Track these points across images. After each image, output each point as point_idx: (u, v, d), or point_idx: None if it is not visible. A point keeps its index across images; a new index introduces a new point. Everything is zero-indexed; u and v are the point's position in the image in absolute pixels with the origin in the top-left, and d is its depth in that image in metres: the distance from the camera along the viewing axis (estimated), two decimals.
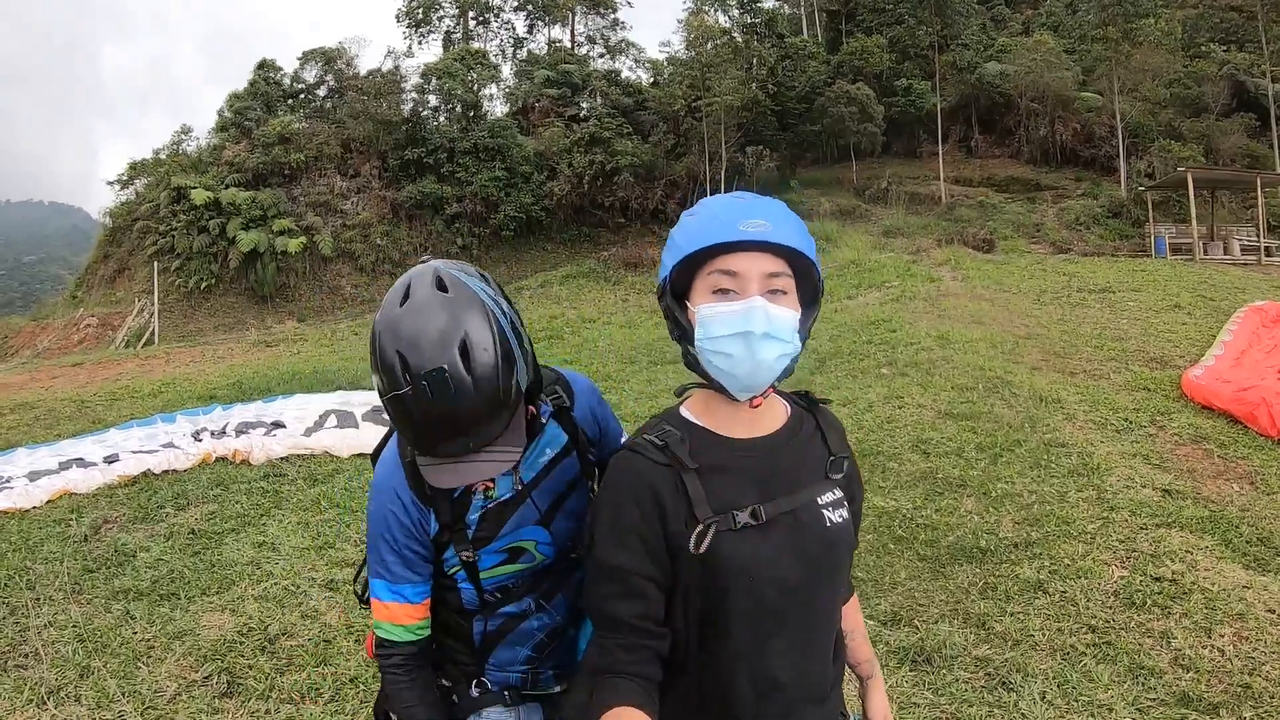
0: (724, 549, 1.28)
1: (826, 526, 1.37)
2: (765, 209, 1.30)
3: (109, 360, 18.09)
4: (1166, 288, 14.04)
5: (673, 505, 1.30)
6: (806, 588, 1.34)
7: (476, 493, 1.56)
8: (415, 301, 1.35)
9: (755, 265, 1.28)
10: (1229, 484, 5.63)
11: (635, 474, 1.33)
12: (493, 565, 1.60)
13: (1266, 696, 3.22)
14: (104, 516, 5.91)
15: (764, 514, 1.31)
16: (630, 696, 1.25)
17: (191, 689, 3.62)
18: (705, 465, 1.34)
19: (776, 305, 1.28)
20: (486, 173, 31.06)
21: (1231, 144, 29.11)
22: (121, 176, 33.38)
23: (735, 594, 1.29)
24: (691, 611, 1.32)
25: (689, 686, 1.35)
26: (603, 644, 1.32)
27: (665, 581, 1.32)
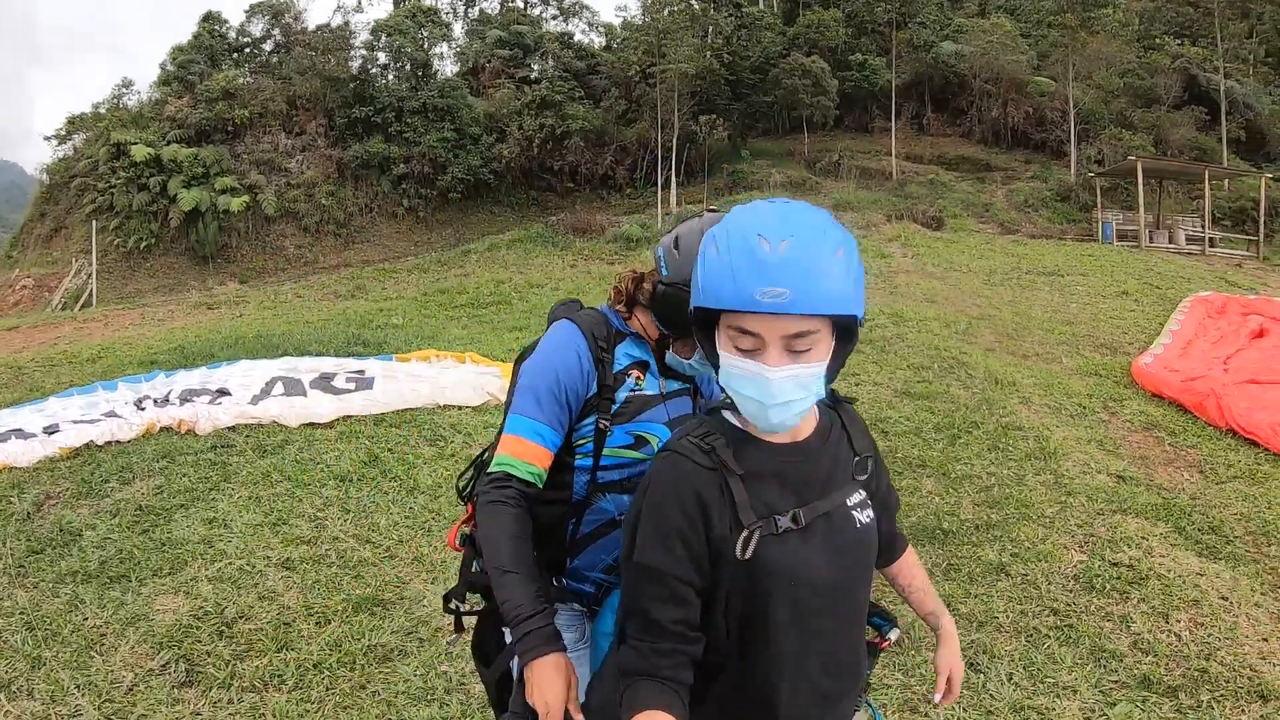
0: (767, 554, 1.29)
1: (857, 528, 1.39)
2: (788, 269, 1.18)
3: (46, 323, 17.39)
4: (1114, 274, 14.38)
5: (717, 510, 1.30)
6: (842, 588, 1.37)
7: (630, 378, 1.84)
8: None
9: (775, 329, 1.23)
10: (1180, 472, 5.80)
11: (680, 477, 1.32)
12: (618, 445, 1.81)
13: (1222, 680, 3.33)
14: (46, 492, 5.65)
15: (803, 518, 1.32)
16: (660, 700, 1.25)
17: (149, 678, 3.48)
18: (748, 469, 1.33)
19: (796, 366, 1.24)
20: (435, 133, 30.44)
21: (1181, 136, 29.78)
22: (59, 131, 31.96)
23: (777, 598, 1.30)
24: (732, 615, 1.32)
25: (726, 688, 1.35)
26: (637, 646, 1.31)
27: (705, 586, 1.31)
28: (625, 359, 1.87)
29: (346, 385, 7.85)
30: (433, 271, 22.97)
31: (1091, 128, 30.23)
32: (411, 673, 3.48)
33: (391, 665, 3.56)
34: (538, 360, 1.81)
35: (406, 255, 27.22)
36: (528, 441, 1.74)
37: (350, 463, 6.04)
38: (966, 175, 30.25)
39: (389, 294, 19.70)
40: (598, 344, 1.82)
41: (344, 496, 5.48)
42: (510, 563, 1.62)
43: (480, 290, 17.70)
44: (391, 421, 6.95)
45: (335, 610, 4.01)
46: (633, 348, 1.89)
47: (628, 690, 1.28)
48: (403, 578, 4.36)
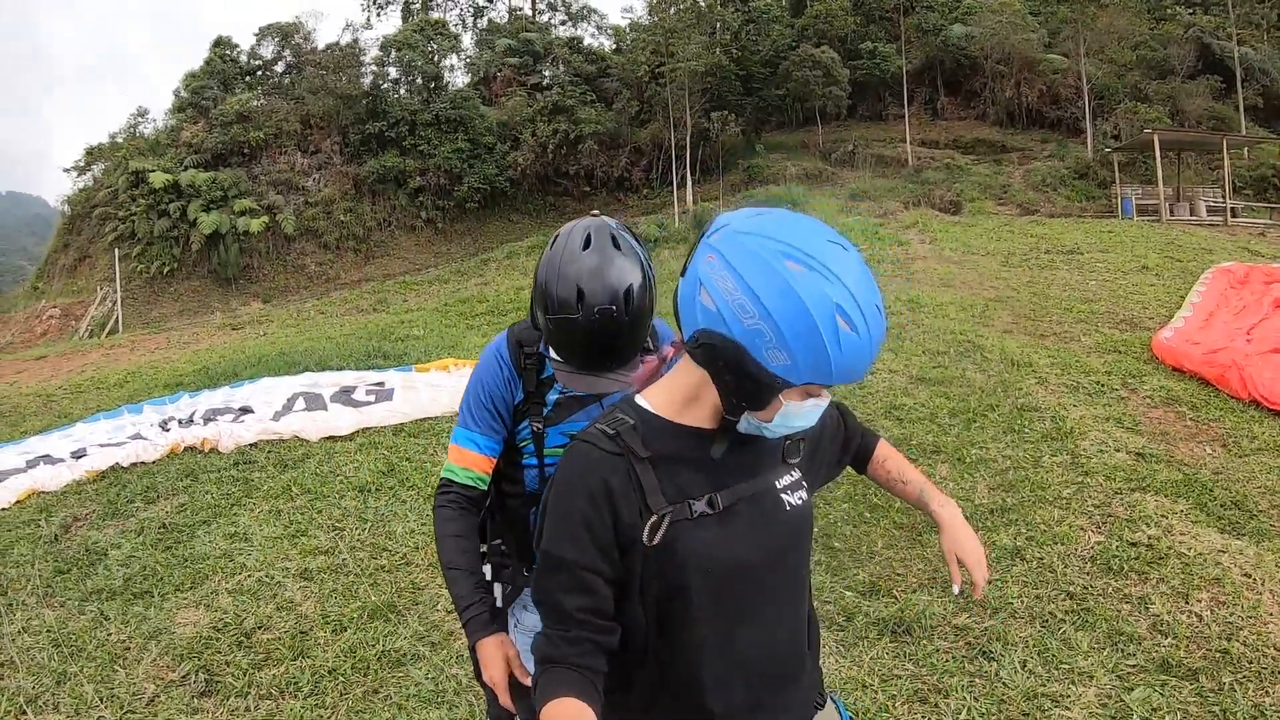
0: (681, 539, 1.26)
1: (786, 510, 1.36)
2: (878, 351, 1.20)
3: (73, 351, 17.72)
4: (1134, 249, 14.15)
5: (624, 497, 1.27)
6: (769, 573, 1.33)
7: (558, 381, 1.87)
8: (595, 248, 1.68)
9: None
10: (1202, 447, 5.70)
11: (586, 465, 1.29)
12: (554, 446, 1.90)
13: (1245, 661, 3.26)
14: (74, 514, 5.78)
15: (721, 502, 1.29)
16: (571, 687, 1.23)
17: (169, 690, 3.56)
18: (658, 453, 1.30)
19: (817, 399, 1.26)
20: (449, 144, 30.71)
21: (1197, 106, 29.36)
22: (78, 162, 32.75)
23: (695, 584, 1.27)
24: (649, 603, 1.29)
25: (650, 676, 1.33)
26: (548, 634, 1.30)
27: (614, 575, 1.29)
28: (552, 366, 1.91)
29: (366, 398, 7.94)
30: (453, 282, 23.15)
31: (1106, 103, 29.87)
32: (423, 676, 3.52)
33: (404, 670, 3.60)
34: (472, 375, 1.96)
35: (427, 267, 27.47)
36: (465, 450, 1.92)
37: (369, 473, 6.10)
38: (983, 158, 29.98)
39: (410, 306, 19.85)
40: (523, 351, 1.89)
41: (362, 506, 5.54)
42: (451, 559, 1.86)
43: (500, 298, 17.78)
44: (410, 431, 7.02)
45: (351, 618, 4.06)
46: None
47: (541, 677, 1.27)
48: (417, 583, 4.41)
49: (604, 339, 1.67)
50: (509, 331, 1.97)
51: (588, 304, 1.63)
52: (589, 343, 1.68)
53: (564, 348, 1.73)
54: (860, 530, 4.72)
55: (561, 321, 1.67)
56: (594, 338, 1.66)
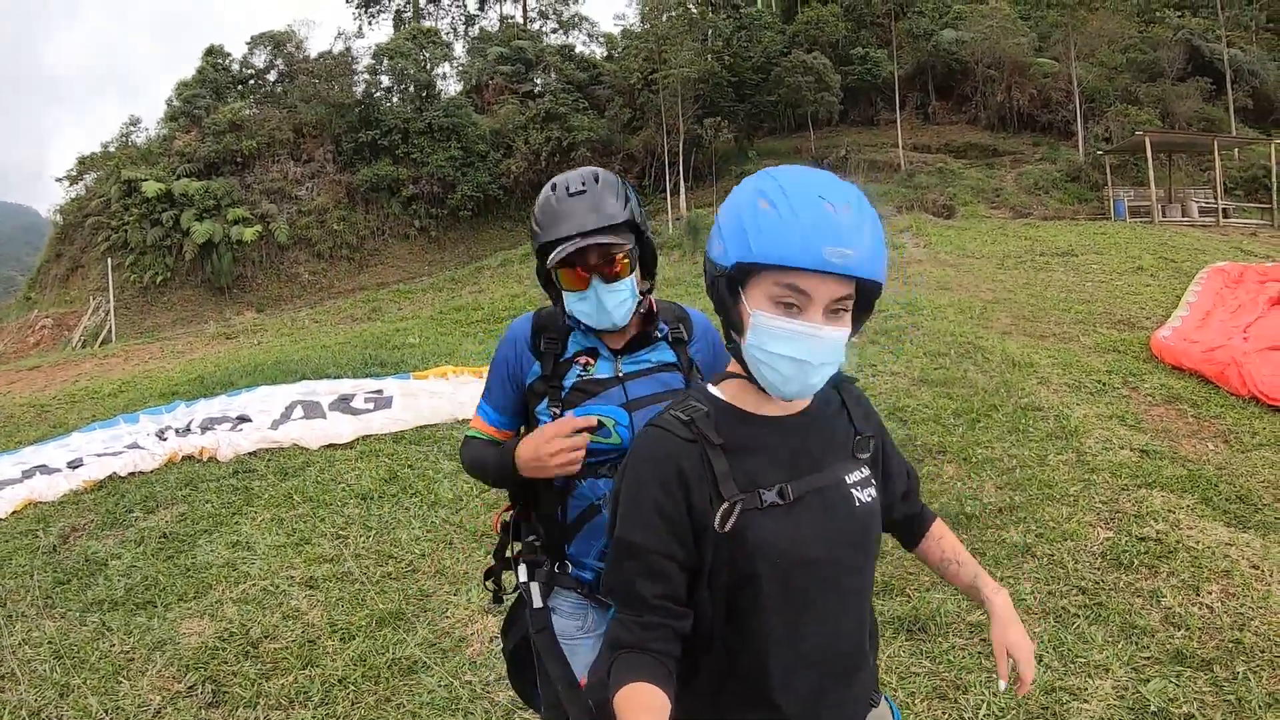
0: (750, 528, 1.25)
1: (855, 506, 1.34)
2: (854, 231, 1.21)
3: (67, 361, 17.60)
4: (1128, 250, 14.22)
5: (698, 483, 1.27)
6: (835, 567, 1.32)
7: (578, 364, 1.88)
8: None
9: (826, 290, 1.21)
10: (1204, 443, 5.72)
11: (660, 451, 1.30)
12: None
13: (1257, 651, 3.26)
14: (72, 525, 5.72)
15: (791, 492, 1.28)
16: (646, 672, 1.22)
17: (176, 701, 3.50)
18: (731, 442, 1.30)
19: (835, 329, 1.23)
20: (442, 153, 30.70)
21: (1187, 108, 29.51)
22: (71, 172, 32.57)
23: (763, 573, 1.26)
24: (718, 590, 1.29)
25: (718, 664, 1.32)
26: (623, 620, 1.29)
27: (689, 561, 1.29)
28: (575, 347, 1.92)
29: (365, 405, 7.90)
30: (447, 290, 23.10)
31: (1097, 106, 29.99)
32: (436, 684, 3.48)
33: (416, 677, 3.56)
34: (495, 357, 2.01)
35: (421, 275, 27.42)
36: (480, 420, 2.01)
37: (371, 481, 6.06)
38: (975, 162, 30.07)
39: (405, 314, 19.80)
40: (545, 335, 1.92)
41: (365, 514, 5.50)
42: (483, 455, 1.93)
43: (495, 306, 17.75)
44: (411, 439, 6.98)
45: (359, 626, 4.02)
46: (582, 336, 1.93)
47: (615, 662, 1.25)
48: (425, 590, 4.37)
49: (575, 200, 1.81)
50: (534, 314, 2.00)
51: (559, 185, 1.86)
52: (567, 204, 1.81)
53: (550, 214, 1.82)
54: None
55: (546, 199, 1.85)
56: (570, 198, 1.81)
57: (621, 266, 1.81)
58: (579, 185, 1.82)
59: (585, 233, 1.77)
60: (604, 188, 1.83)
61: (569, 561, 1.92)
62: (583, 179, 1.84)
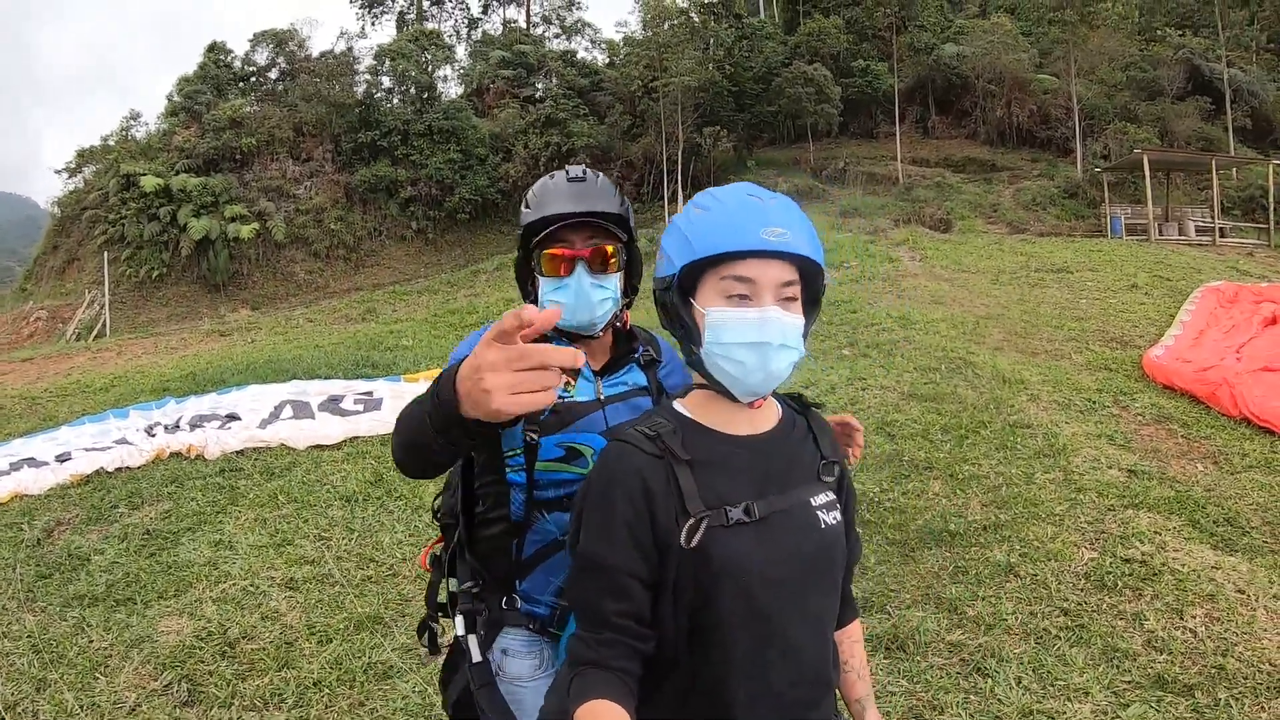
0: (716, 545, 1.24)
1: (821, 528, 1.33)
2: (783, 214, 1.29)
3: (60, 354, 17.54)
4: (1123, 268, 14.23)
5: (663, 498, 1.26)
6: (801, 590, 1.30)
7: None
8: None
9: (771, 274, 1.27)
10: (1193, 464, 5.70)
11: (625, 465, 1.29)
12: (549, 459, 1.65)
13: (1240, 677, 3.24)
14: (57, 519, 5.71)
15: (758, 511, 1.27)
16: (606, 689, 1.21)
17: (151, 699, 3.49)
18: (698, 458, 1.30)
19: (789, 314, 1.27)
20: (441, 155, 30.71)
21: (1186, 127, 29.60)
22: (69, 164, 32.50)
23: (727, 592, 1.25)
24: (682, 609, 1.27)
25: (681, 684, 1.30)
26: (584, 638, 1.27)
27: (652, 578, 1.27)
28: None
29: (355, 407, 7.89)
30: (443, 292, 23.07)
31: (1096, 123, 30.08)
32: (410, 689, 3.46)
33: (391, 682, 3.54)
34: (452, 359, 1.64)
35: (416, 277, 27.38)
36: None
37: (356, 483, 6.04)
38: (973, 176, 30.12)
39: (399, 316, 19.77)
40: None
41: (349, 516, 5.48)
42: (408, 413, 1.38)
43: (490, 310, 17.74)
44: None
45: (337, 629, 4.00)
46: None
47: (575, 678, 1.24)
48: (405, 595, 4.35)
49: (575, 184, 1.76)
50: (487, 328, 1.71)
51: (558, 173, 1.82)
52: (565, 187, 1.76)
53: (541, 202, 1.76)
54: None
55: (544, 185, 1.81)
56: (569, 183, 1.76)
57: (612, 259, 1.73)
58: (579, 173, 1.79)
59: (579, 212, 1.70)
60: (603, 182, 1.79)
61: (518, 596, 1.72)
62: (583, 169, 1.80)
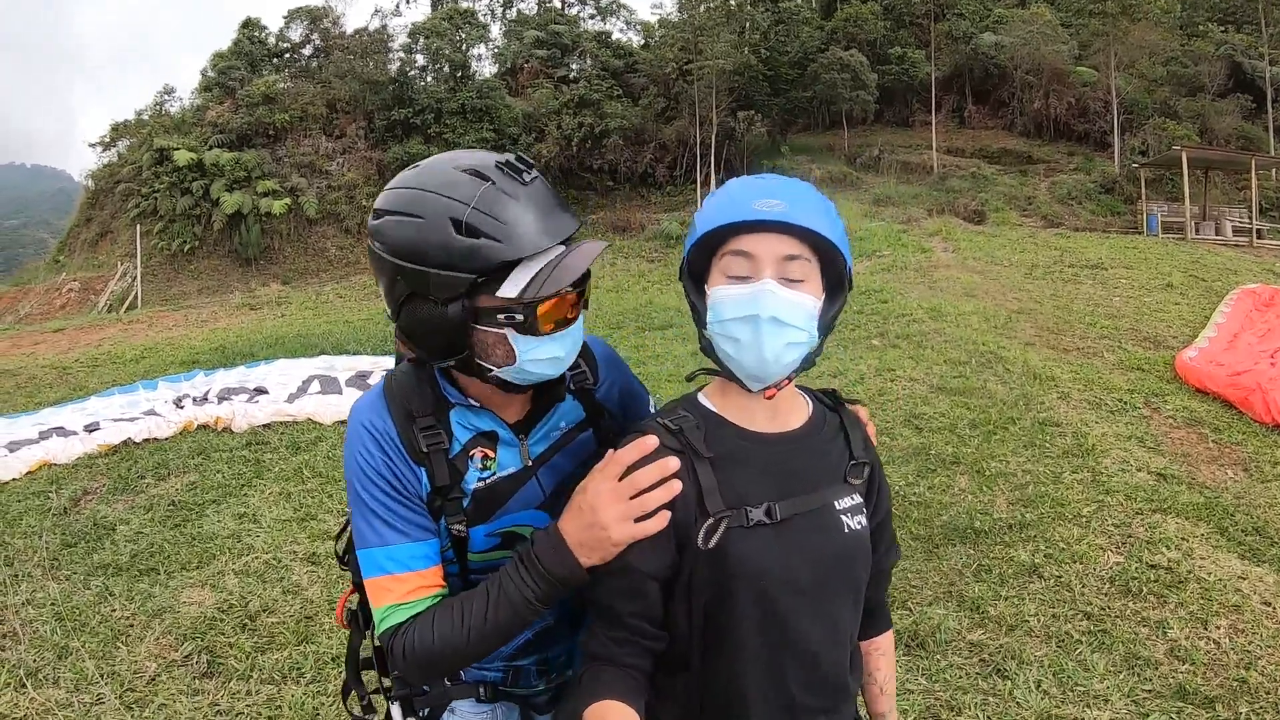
0: (734, 546, 1.21)
1: (845, 533, 1.29)
2: (785, 189, 1.24)
3: (91, 325, 17.83)
4: (1159, 266, 13.98)
5: (683, 496, 1.22)
6: (820, 594, 1.26)
7: (474, 460, 1.36)
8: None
9: (769, 247, 1.21)
10: (1224, 470, 5.60)
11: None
12: (482, 550, 1.38)
13: (1263, 692, 3.18)
14: (84, 488, 5.80)
15: (779, 513, 1.23)
16: (617, 686, 1.20)
17: (171, 669, 3.54)
18: (720, 455, 1.26)
19: (790, 290, 1.21)
20: (474, 134, 30.65)
21: (1226, 125, 28.97)
22: (103, 138, 32.82)
23: (744, 595, 1.22)
24: (697, 609, 1.24)
25: (694, 686, 1.27)
26: (595, 633, 1.26)
27: (668, 575, 1.24)
28: (463, 433, 1.37)
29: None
30: None
31: (1135, 118, 29.49)
32: None
33: None
34: (346, 463, 1.35)
35: None
36: (398, 577, 1.29)
37: None
38: (1008, 168, 29.68)
39: None
40: (419, 423, 1.33)
41: None
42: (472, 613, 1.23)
43: None
44: None
45: None
46: (468, 415, 1.38)
47: (586, 673, 1.23)
48: None
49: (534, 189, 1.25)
50: (383, 394, 1.37)
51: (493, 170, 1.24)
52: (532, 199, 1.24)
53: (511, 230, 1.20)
54: None
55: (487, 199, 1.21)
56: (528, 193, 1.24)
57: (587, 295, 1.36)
58: (527, 172, 1.26)
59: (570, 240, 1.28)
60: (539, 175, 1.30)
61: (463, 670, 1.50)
62: (520, 160, 1.27)
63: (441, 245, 1.19)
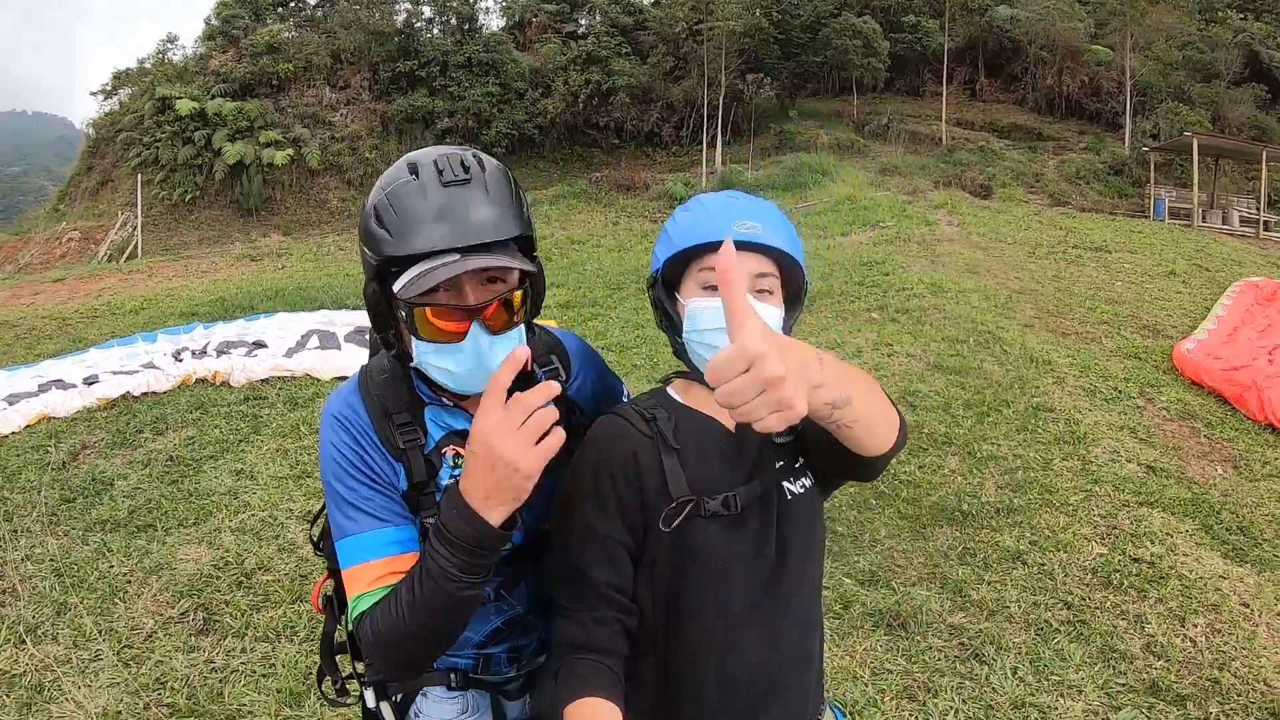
0: (693, 533, 1.29)
1: (788, 500, 1.37)
2: (759, 211, 1.36)
3: (91, 275, 17.76)
4: (1163, 253, 13.92)
5: (651, 475, 1.31)
6: (776, 575, 1.33)
7: (447, 457, 1.36)
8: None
9: (744, 265, 1.30)
10: (1213, 466, 5.63)
11: (619, 438, 1.35)
12: None
13: (1234, 694, 3.23)
14: (82, 442, 5.83)
15: (737, 503, 1.32)
16: (597, 683, 1.24)
17: (168, 626, 3.60)
18: (686, 444, 1.35)
19: (761, 304, 1.31)
20: (480, 88, 30.35)
21: (1240, 113, 28.76)
22: (105, 86, 32.58)
23: (702, 579, 1.30)
24: (659, 590, 1.31)
25: (654, 674, 1.33)
26: (573, 615, 1.30)
27: (635, 551, 1.32)
28: (437, 430, 1.39)
29: None
30: None
31: (1148, 100, 29.24)
32: None
33: None
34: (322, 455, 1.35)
35: None
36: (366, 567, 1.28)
37: None
38: (1018, 144, 29.48)
39: None
40: (395, 419, 1.34)
41: None
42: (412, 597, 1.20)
43: None
44: None
45: None
46: (442, 414, 1.40)
47: (563, 668, 1.26)
48: None
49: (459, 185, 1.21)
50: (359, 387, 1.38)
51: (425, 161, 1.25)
52: (439, 199, 1.21)
53: (405, 227, 1.20)
54: (864, 516, 4.71)
55: (398, 192, 1.23)
56: (444, 194, 1.21)
57: (518, 311, 1.28)
58: (459, 171, 1.22)
59: (468, 248, 1.19)
60: (493, 178, 1.25)
61: None
62: (463, 161, 1.23)
63: (363, 225, 1.28)
